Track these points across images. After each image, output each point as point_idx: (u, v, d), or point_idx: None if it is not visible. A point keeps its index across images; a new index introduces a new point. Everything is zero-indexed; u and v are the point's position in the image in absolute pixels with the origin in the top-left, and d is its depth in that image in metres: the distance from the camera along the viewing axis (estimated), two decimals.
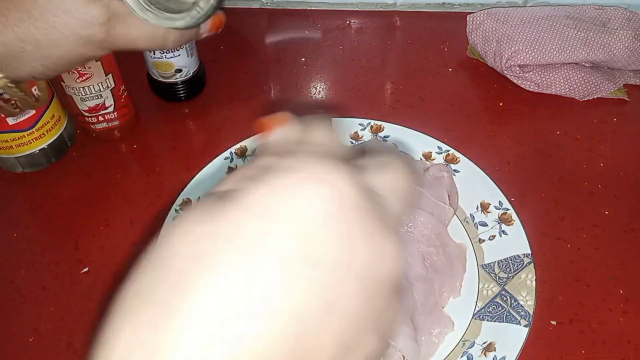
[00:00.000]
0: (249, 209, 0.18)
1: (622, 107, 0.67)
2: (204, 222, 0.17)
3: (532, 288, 0.50)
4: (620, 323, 0.50)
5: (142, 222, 0.57)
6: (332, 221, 0.18)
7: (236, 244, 0.17)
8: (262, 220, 0.17)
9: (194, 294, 0.16)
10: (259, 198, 0.18)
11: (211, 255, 0.17)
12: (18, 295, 0.52)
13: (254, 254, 0.17)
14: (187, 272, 0.17)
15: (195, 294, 0.16)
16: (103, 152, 0.63)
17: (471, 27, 0.71)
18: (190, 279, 0.16)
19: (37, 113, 0.56)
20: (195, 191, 0.57)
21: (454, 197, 0.57)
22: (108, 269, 0.54)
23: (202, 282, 0.16)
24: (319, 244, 0.17)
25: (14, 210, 0.59)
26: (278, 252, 0.17)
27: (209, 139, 0.64)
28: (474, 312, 0.50)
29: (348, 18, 0.79)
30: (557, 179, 0.60)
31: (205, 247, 0.17)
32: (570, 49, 0.66)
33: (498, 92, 0.69)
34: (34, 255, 0.55)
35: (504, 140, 0.64)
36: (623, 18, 0.69)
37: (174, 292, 0.16)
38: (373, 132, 0.62)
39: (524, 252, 0.52)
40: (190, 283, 0.16)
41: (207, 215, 0.18)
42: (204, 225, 0.17)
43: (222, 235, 0.17)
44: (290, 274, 0.17)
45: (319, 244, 0.17)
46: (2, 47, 0.33)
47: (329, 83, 0.71)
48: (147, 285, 0.17)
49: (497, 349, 0.47)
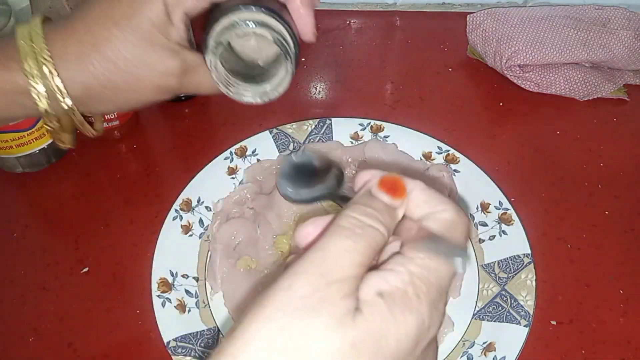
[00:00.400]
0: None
1: (622, 107, 0.67)
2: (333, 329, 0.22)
3: (532, 288, 0.50)
4: (620, 323, 0.50)
5: (142, 222, 0.57)
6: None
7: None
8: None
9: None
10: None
11: None
12: (18, 295, 0.52)
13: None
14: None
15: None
16: (103, 152, 0.63)
17: (471, 27, 0.71)
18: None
19: None
20: (196, 191, 0.57)
21: (453, 197, 0.57)
22: (108, 269, 0.54)
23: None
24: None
25: (14, 210, 0.59)
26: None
27: (209, 139, 0.64)
28: (474, 312, 0.50)
29: (348, 18, 0.79)
30: (557, 179, 0.60)
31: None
32: (570, 49, 0.66)
33: (498, 92, 0.69)
34: (34, 255, 0.55)
35: (504, 140, 0.64)
36: (623, 18, 0.69)
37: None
38: (373, 132, 0.62)
39: (524, 252, 0.52)
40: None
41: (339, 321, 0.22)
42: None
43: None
44: None
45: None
46: (84, 89, 0.35)
47: (329, 83, 0.71)
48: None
49: (497, 349, 0.47)
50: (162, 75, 0.36)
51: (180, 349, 0.47)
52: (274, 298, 0.22)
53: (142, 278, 0.52)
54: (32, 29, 0.34)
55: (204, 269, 0.53)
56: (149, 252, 0.53)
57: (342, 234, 0.24)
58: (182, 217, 0.55)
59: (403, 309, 0.23)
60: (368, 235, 0.25)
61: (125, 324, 0.50)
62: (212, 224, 0.55)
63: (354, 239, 0.24)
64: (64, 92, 0.35)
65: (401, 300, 0.23)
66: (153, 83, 0.36)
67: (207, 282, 0.52)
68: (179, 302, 0.50)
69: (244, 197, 0.57)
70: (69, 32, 0.34)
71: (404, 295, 0.23)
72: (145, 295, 0.50)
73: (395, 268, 0.24)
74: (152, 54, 0.35)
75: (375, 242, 0.25)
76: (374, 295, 0.23)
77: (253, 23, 0.34)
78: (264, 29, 0.34)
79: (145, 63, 0.35)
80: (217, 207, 0.56)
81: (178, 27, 0.35)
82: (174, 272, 0.52)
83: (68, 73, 0.34)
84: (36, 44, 0.34)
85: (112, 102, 0.37)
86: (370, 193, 0.27)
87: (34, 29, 0.34)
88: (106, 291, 0.52)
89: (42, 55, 0.33)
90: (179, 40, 0.36)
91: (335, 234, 0.24)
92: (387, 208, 0.26)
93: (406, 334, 0.23)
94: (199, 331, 0.49)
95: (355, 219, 0.25)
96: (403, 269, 0.24)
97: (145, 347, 0.49)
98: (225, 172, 0.59)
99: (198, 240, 0.55)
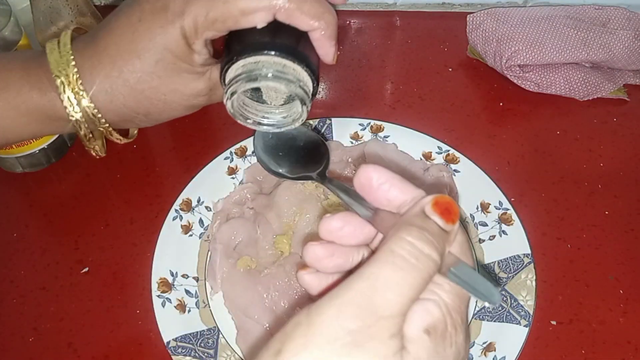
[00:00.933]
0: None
1: (622, 107, 0.67)
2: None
3: (532, 288, 0.50)
4: (620, 323, 0.50)
5: (142, 222, 0.57)
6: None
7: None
8: None
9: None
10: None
11: None
12: (18, 295, 0.52)
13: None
14: None
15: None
16: None
17: (471, 27, 0.71)
18: None
19: None
20: (195, 191, 0.57)
21: (454, 197, 0.57)
22: (108, 269, 0.54)
23: None
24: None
25: (14, 210, 0.59)
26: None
27: (209, 139, 0.64)
28: (474, 312, 0.50)
29: (348, 18, 0.79)
30: (557, 179, 0.60)
31: None
32: (570, 49, 0.66)
33: (498, 92, 0.69)
34: (34, 255, 0.55)
35: (504, 140, 0.64)
36: (623, 18, 0.69)
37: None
38: (373, 132, 0.62)
39: (524, 252, 0.52)
40: None
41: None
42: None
43: None
44: None
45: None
46: (117, 116, 0.37)
47: (329, 83, 0.71)
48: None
49: (497, 349, 0.47)
50: (191, 97, 0.37)
51: (180, 349, 0.47)
52: (321, 328, 0.21)
53: (142, 278, 0.52)
54: (62, 53, 0.35)
55: (204, 269, 0.53)
56: (149, 252, 0.53)
57: (396, 263, 0.23)
58: (182, 217, 0.55)
59: (444, 344, 0.23)
60: (423, 266, 0.23)
61: (125, 324, 0.50)
62: (212, 224, 0.55)
63: (408, 270, 0.22)
64: (100, 117, 0.36)
65: (442, 335, 0.23)
66: (182, 105, 0.37)
67: (207, 282, 0.52)
68: (179, 302, 0.50)
69: (244, 197, 0.57)
70: (94, 63, 0.35)
71: (444, 329, 0.23)
72: (145, 295, 0.50)
73: (433, 298, 0.23)
74: (178, 81, 0.36)
75: (429, 273, 0.23)
76: (422, 333, 0.22)
77: (271, 73, 0.33)
78: (280, 82, 0.34)
79: (173, 90, 0.36)
80: (217, 207, 0.56)
81: (200, 52, 0.35)
82: (174, 272, 0.52)
83: (99, 104, 0.35)
84: (68, 70, 0.35)
85: (145, 122, 0.39)
86: (424, 214, 0.25)
87: (64, 55, 0.35)
88: (106, 291, 0.52)
89: (77, 86, 0.35)
90: (202, 62, 0.36)
91: (388, 263, 0.23)
92: (442, 233, 0.24)
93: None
94: (199, 331, 0.49)
95: (411, 246, 0.23)
96: (440, 300, 0.23)
97: (145, 347, 0.49)
98: (225, 172, 0.59)
99: (198, 240, 0.55)
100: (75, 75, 0.34)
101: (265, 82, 0.34)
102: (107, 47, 0.35)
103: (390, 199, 0.27)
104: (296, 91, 0.35)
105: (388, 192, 0.27)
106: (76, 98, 0.35)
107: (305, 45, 0.36)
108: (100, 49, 0.35)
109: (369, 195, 0.27)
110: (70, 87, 0.34)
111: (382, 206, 0.27)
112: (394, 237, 0.24)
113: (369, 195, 0.27)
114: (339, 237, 0.27)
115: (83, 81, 0.35)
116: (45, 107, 0.36)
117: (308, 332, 0.22)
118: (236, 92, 0.34)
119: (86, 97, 0.35)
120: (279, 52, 0.33)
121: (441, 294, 0.24)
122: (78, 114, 0.36)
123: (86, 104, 0.35)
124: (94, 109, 0.35)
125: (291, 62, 0.34)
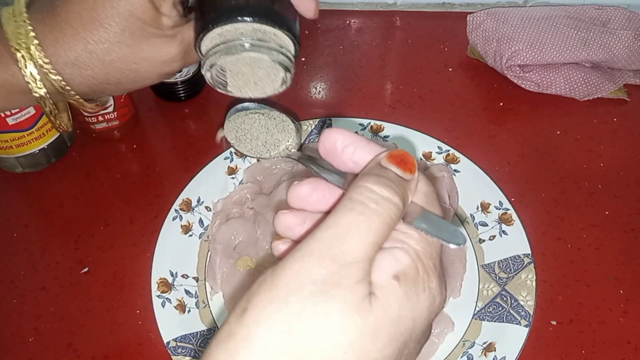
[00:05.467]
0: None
1: (622, 107, 0.67)
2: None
3: (532, 288, 0.50)
4: (620, 323, 0.50)
5: (142, 222, 0.57)
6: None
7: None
8: None
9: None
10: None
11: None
12: (18, 295, 0.52)
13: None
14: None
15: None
16: (103, 152, 0.63)
17: (471, 27, 0.71)
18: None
19: (37, 113, 0.56)
20: (195, 191, 0.57)
21: (454, 197, 0.57)
22: (108, 269, 0.54)
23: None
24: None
25: (14, 210, 0.59)
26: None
27: (209, 139, 0.64)
28: (474, 312, 0.50)
29: (348, 18, 0.79)
30: (557, 179, 0.60)
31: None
32: (570, 49, 0.66)
33: (498, 92, 0.69)
34: (34, 255, 0.55)
35: (504, 140, 0.64)
36: (623, 18, 0.69)
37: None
38: (373, 132, 0.62)
39: (524, 252, 0.52)
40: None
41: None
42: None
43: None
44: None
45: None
46: (86, 88, 0.34)
47: (329, 83, 0.71)
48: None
49: (497, 349, 0.47)
50: (163, 64, 0.35)
51: (180, 349, 0.47)
52: (285, 281, 0.21)
53: (142, 278, 0.52)
54: (18, 23, 0.32)
55: (204, 269, 0.53)
56: (149, 252, 0.53)
57: (355, 208, 0.22)
58: (182, 217, 0.55)
59: (417, 290, 0.22)
60: (384, 209, 0.23)
61: (125, 324, 0.50)
62: (212, 224, 0.55)
63: (367, 214, 0.22)
64: (69, 89, 0.33)
65: (414, 281, 0.22)
66: (154, 73, 0.35)
67: (207, 282, 0.52)
68: (179, 302, 0.50)
69: (244, 197, 0.57)
70: (57, 35, 0.32)
71: (416, 275, 0.23)
72: (145, 295, 0.50)
73: (401, 246, 0.23)
74: (148, 48, 0.33)
75: (391, 217, 0.23)
76: (390, 279, 0.22)
77: (249, 43, 0.31)
78: (261, 51, 0.32)
79: (143, 57, 0.34)
80: (217, 207, 0.56)
81: (169, 15, 0.33)
82: (174, 272, 0.52)
83: (67, 78, 0.33)
84: (28, 42, 0.32)
85: (118, 91, 0.36)
86: (381, 165, 0.25)
87: (22, 25, 0.32)
88: (106, 291, 0.52)
89: (41, 60, 0.32)
90: (172, 24, 0.33)
91: (347, 209, 0.22)
92: (401, 180, 0.24)
93: (421, 314, 0.22)
94: (198, 331, 0.49)
95: (369, 191, 0.23)
96: (409, 247, 0.23)
97: (145, 347, 0.49)
98: (225, 172, 0.59)
99: (198, 240, 0.55)
100: (38, 48, 0.32)
101: (246, 53, 0.32)
102: (69, 17, 0.32)
103: (356, 160, 0.26)
104: (279, 59, 0.33)
105: (353, 154, 0.26)
106: (39, 73, 0.32)
107: (282, 3, 0.33)
108: (61, 19, 0.32)
109: (335, 159, 0.27)
110: (32, 61, 0.32)
111: (350, 169, 0.27)
112: (352, 186, 0.24)
113: (335, 159, 0.27)
114: (309, 204, 0.27)
115: (47, 54, 0.32)
116: (7, 81, 0.33)
117: (272, 287, 0.21)
118: (215, 64, 0.32)
119: (52, 71, 0.32)
120: (257, 18, 0.31)
121: (410, 242, 0.23)
122: (42, 90, 0.33)
123: (53, 78, 0.33)
124: (62, 81, 0.33)
125: (271, 28, 0.32)
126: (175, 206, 0.56)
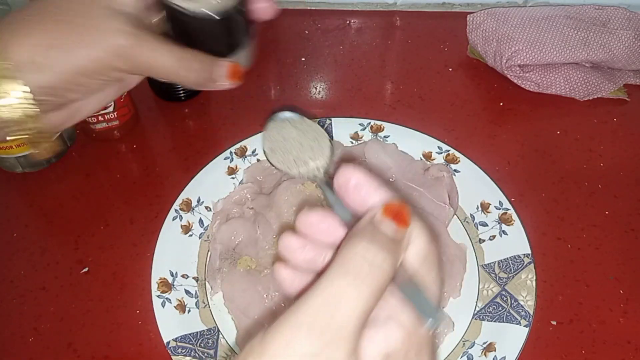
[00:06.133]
0: None
1: (622, 107, 0.67)
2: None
3: (532, 288, 0.50)
4: (620, 323, 0.50)
5: (142, 222, 0.57)
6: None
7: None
8: None
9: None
10: None
11: None
12: (18, 295, 0.52)
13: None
14: None
15: None
16: (103, 152, 0.63)
17: (471, 27, 0.71)
18: None
19: None
20: (195, 191, 0.57)
21: (454, 197, 0.56)
22: (108, 269, 0.54)
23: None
24: None
25: (14, 210, 0.59)
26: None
27: (209, 139, 0.64)
28: (474, 312, 0.50)
29: (348, 18, 0.79)
30: (557, 179, 0.60)
31: None
32: (570, 49, 0.66)
33: (498, 92, 0.69)
34: (34, 255, 0.55)
35: (504, 140, 0.64)
36: (623, 18, 0.69)
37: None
38: (373, 132, 0.62)
39: (524, 252, 0.52)
40: None
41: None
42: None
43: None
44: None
45: None
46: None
47: (329, 83, 0.71)
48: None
49: (497, 349, 0.47)
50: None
51: (180, 349, 0.47)
52: (273, 352, 0.21)
53: (142, 278, 0.52)
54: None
55: (204, 269, 0.53)
56: (149, 252, 0.53)
57: (348, 273, 0.22)
58: (182, 217, 0.55)
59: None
60: (375, 276, 0.23)
61: (125, 324, 0.50)
62: (212, 224, 0.55)
63: (359, 282, 0.22)
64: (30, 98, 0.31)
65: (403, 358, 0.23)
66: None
67: (207, 282, 0.52)
68: (179, 302, 0.50)
69: (244, 197, 0.57)
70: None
71: (405, 356, 0.23)
72: (145, 295, 0.50)
73: (393, 322, 0.24)
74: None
75: (382, 284, 0.23)
76: (380, 359, 0.23)
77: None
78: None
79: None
80: (217, 207, 0.56)
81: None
82: (174, 272, 0.52)
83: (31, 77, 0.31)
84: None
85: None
86: (374, 222, 0.25)
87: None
88: (106, 291, 0.52)
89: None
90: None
91: (340, 273, 0.23)
92: (394, 240, 0.24)
93: None
94: (198, 331, 0.49)
95: (362, 252, 0.23)
96: (400, 325, 0.24)
97: (145, 347, 0.49)
98: (225, 172, 0.59)
99: (198, 240, 0.55)
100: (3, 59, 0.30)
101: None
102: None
103: (364, 201, 0.26)
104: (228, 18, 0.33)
105: (363, 195, 0.26)
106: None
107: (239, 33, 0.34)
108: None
109: (346, 196, 0.27)
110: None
111: (358, 207, 0.27)
112: (347, 242, 0.24)
113: (346, 196, 0.27)
114: (314, 232, 0.27)
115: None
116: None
117: (262, 355, 0.21)
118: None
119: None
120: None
121: (402, 318, 0.24)
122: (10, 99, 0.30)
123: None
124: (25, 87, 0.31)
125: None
126: (175, 206, 0.56)
